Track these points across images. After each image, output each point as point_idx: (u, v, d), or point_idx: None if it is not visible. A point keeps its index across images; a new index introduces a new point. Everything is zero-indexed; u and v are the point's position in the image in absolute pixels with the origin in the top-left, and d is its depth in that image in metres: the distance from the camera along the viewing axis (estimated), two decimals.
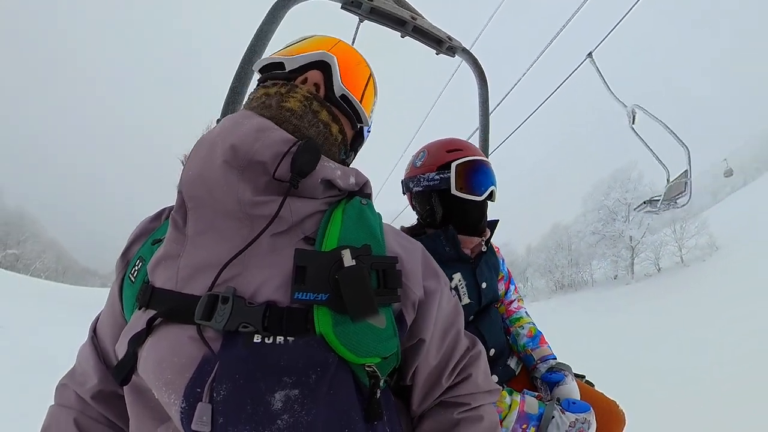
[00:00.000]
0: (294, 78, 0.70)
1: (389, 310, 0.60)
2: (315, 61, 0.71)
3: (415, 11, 1.65)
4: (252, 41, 1.28)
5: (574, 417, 1.09)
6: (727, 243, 17.92)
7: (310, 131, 0.66)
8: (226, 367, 0.49)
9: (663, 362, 6.50)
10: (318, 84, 0.70)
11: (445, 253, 1.21)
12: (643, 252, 21.83)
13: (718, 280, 13.21)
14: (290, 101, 0.65)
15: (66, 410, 0.68)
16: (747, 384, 4.39)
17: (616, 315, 14.62)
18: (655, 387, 5.02)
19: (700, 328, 8.29)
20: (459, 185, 1.22)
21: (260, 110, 0.65)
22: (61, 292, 24.69)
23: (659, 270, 20.88)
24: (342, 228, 0.62)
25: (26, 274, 33.63)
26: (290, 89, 0.66)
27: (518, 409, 1.10)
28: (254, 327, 0.51)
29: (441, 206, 1.26)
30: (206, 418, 0.47)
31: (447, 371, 0.71)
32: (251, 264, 0.57)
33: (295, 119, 0.64)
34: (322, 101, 0.68)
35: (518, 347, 1.43)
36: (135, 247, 0.71)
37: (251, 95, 0.71)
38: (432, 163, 1.28)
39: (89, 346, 0.70)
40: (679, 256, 20.08)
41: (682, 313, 10.79)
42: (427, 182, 1.26)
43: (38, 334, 8.91)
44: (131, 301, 0.63)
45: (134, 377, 0.56)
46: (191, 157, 0.63)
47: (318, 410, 0.50)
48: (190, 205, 0.60)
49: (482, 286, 1.29)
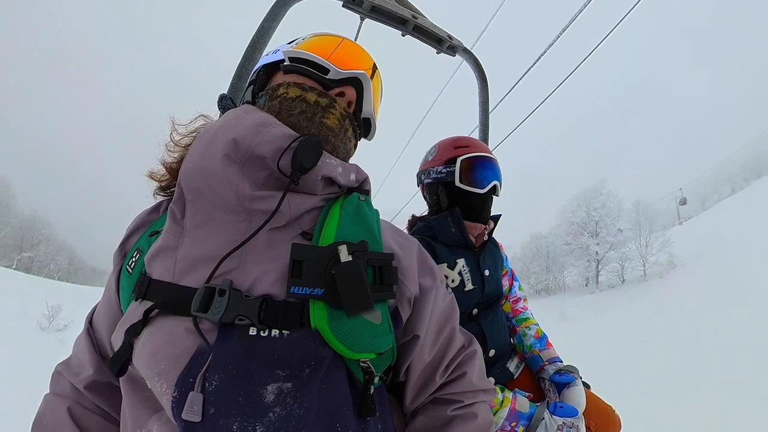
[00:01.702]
0: (330, 87, 0.71)
1: (385, 306, 0.60)
2: (352, 78, 0.73)
3: (417, 10, 1.65)
4: (253, 39, 1.28)
5: (561, 420, 1.10)
6: (687, 261, 18.95)
7: (342, 149, 0.71)
8: (219, 358, 0.50)
9: (623, 366, 6.92)
10: (351, 102, 0.73)
11: (450, 234, 1.28)
12: (610, 264, 23.65)
13: (674, 296, 14.05)
14: (330, 118, 0.68)
15: (60, 399, 0.68)
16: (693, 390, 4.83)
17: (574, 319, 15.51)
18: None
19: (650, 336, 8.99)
20: (463, 178, 1.31)
21: (300, 119, 0.66)
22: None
23: (623, 281, 22.57)
24: (339, 224, 0.62)
25: (40, 275, 33.95)
26: (330, 104, 0.68)
27: (509, 407, 1.11)
28: (250, 320, 0.52)
29: (446, 197, 1.35)
30: (197, 408, 0.47)
31: (441, 368, 0.71)
32: (249, 258, 0.57)
33: (333, 138, 0.68)
34: (352, 120, 0.72)
35: (525, 348, 1.43)
36: (133, 239, 0.71)
37: (281, 89, 0.68)
38: (441, 157, 1.38)
39: (85, 336, 0.71)
40: (642, 270, 21.50)
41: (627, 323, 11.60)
42: (435, 175, 1.36)
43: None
44: (128, 293, 0.63)
45: (130, 368, 0.57)
46: (191, 149, 0.63)
47: (310, 404, 0.51)
48: (188, 198, 0.61)
49: (485, 274, 1.32)
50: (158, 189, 0.74)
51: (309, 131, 0.66)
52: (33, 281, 23.18)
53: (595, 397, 1.32)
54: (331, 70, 0.71)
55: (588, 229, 25.06)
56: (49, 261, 50.21)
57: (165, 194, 0.74)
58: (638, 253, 21.81)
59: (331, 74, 0.71)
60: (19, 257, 42.13)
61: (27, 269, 39.20)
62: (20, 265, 39.00)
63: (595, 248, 23.60)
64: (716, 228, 20.93)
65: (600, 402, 1.32)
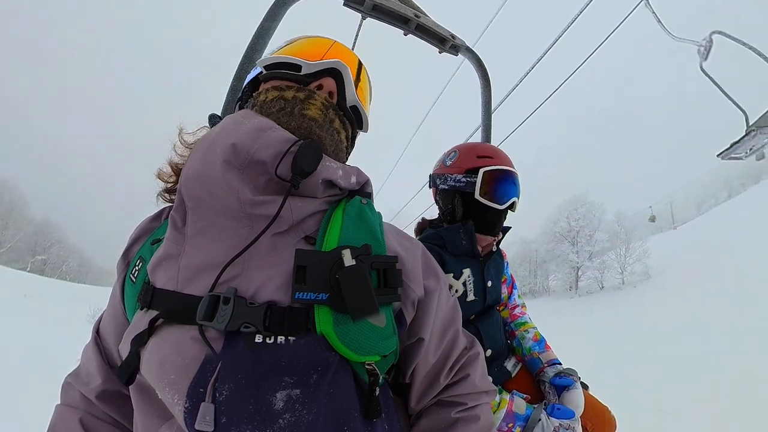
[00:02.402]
0: (308, 83, 0.70)
1: (389, 308, 0.60)
2: (329, 69, 0.71)
3: (419, 9, 1.64)
4: (252, 39, 1.27)
5: (558, 422, 1.11)
6: (662, 272, 19.76)
7: (329, 140, 0.68)
8: (228, 367, 0.50)
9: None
10: (332, 92, 0.71)
11: (460, 246, 1.26)
12: (590, 271, 25.22)
13: (644, 304, 14.84)
14: (311, 109, 0.66)
15: (72, 410, 0.68)
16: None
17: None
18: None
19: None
20: (483, 191, 1.26)
21: (280, 116, 0.65)
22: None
23: (602, 288, 23.96)
24: (342, 228, 0.62)
25: (53, 277, 34.92)
26: (308, 96, 0.67)
27: (506, 408, 1.12)
28: (255, 327, 0.52)
29: (462, 207, 1.31)
30: (209, 418, 0.48)
31: (445, 370, 0.71)
32: (252, 264, 0.57)
33: (318, 129, 0.66)
34: (336, 110, 0.70)
35: (524, 350, 1.44)
36: (135, 247, 0.71)
37: (261, 96, 0.69)
38: (461, 165, 1.32)
39: (93, 346, 0.71)
40: (620, 279, 22.62)
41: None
42: (453, 182, 1.31)
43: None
44: (133, 301, 0.63)
45: (138, 377, 0.57)
46: (191, 155, 0.63)
47: (319, 409, 0.51)
48: (189, 205, 0.60)
49: (488, 285, 1.32)
50: (163, 191, 0.74)
51: (290, 126, 0.64)
52: (61, 285, 23.73)
53: (591, 398, 1.33)
54: (303, 65, 0.70)
55: (568, 239, 26.23)
56: (61, 263, 51.96)
57: (169, 198, 0.74)
58: (617, 262, 22.87)
59: (303, 69, 0.70)
60: (33, 260, 43.49)
61: (41, 271, 40.45)
62: (34, 267, 40.23)
63: (574, 257, 24.73)
64: (705, 234, 21.70)
65: (596, 403, 1.33)
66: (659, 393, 5.06)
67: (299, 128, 0.64)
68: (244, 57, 1.25)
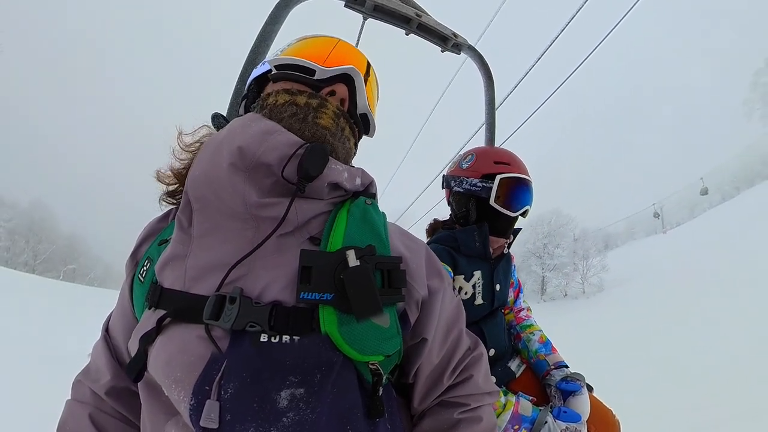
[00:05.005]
0: (320, 88, 0.70)
1: (393, 309, 0.60)
2: (341, 74, 0.72)
3: (420, 8, 1.63)
4: (255, 42, 1.27)
5: (564, 425, 1.11)
6: (614, 286, 20.84)
7: (341, 148, 0.69)
8: (233, 365, 0.50)
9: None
10: (344, 99, 0.72)
11: (474, 248, 1.27)
12: (555, 279, 28.61)
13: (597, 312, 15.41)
14: (323, 118, 0.66)
15: (81, 405, 0.69)
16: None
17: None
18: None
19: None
20: (498, 198, 1.27)
21: (292, 121, 0.65)
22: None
23: (566, 295, 26.56)
24: (347, 228, 0.63)
25: (82, 284, 37.78)
26: (321, 103, 0.67)
27: (512, 410, 1.12)
28: (261, 326, 0.52)
29: (476, 211, 1.32)
30: (214, 415, 0.48)
31: (449, 370, 0.71)
32: (257, 265, 0.58)
33: (331, 137, 0.67)
34: (347, 117, 0.71)
35: (530, 352, 1.44)
36: (143, 248, 0.72)
37: (270, 98, 0.68)
38: (478, 169, 1.32)
39: (102, 344, 0.72)
40: (581, 289, 25.34)
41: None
42: (469, 186, 1.31)
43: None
44: (141, 301, 0.64)
45: (146, 374, 0.58)
46: (198, 157, 0.64)
47: (322, 408, 0.51)
48: (195, 206, 0.61)
49: (496, 288, 1.32)
50: (165, 194, 0.74)
51: (303, 133, 0.64)
52: (93, 291, 24.48)
53: (596, 401, 1.33)
54: (317, 70, 0.70)
55: (535, 253, 29.46)
56: (88, 271, 56.78)
57: (171, 201, 0.75)
58: (579, 275, 26.23)
59: (317, 74, 0.70)
60: (65, 269, 47.41)
61: (71, 279, 43.49)
62: (65, 276, 43.60)
63: (538, 270, 28.35)
64: (696, 239, 21.99)
65: (600, 405, 1.33)
66: (621, 393, 4.96)
67: (313, 137, 0.65)
68: (247, 61, 1.25)
